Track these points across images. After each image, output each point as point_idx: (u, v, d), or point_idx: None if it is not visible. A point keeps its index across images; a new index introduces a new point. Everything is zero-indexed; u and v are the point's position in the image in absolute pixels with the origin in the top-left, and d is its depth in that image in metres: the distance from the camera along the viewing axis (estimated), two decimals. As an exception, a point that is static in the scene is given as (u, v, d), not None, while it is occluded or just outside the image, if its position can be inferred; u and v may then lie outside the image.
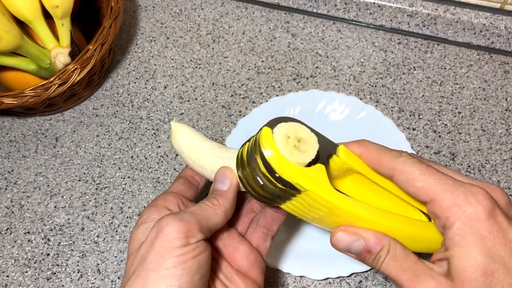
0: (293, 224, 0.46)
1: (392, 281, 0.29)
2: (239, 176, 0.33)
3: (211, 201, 0.33)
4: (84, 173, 0.52)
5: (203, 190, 0.39)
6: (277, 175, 0.30)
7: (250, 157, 0.31)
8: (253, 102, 0.55)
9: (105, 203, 0.50)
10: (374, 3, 0.57)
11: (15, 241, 0.49)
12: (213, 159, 0.35)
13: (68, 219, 0.49)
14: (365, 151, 0.31)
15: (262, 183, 0.31)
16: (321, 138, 0.32)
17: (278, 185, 0.30)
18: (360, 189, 0.33)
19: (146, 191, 0.50)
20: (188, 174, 0.38)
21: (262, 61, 0.58)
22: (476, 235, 0.25)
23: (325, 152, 0.32)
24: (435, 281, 0.26)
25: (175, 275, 0.28)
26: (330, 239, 0.31)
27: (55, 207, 0.50)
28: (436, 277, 0.26)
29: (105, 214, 0.49)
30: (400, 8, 0.57)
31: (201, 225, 0.31)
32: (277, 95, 0.55)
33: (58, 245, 0.48)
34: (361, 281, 0.44)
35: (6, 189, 0.52)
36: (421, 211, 0.32)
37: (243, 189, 0.34)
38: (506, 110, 0.52)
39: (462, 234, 0.25)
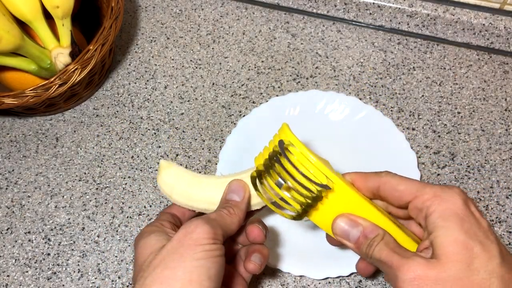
0: (293, 224, 0.46)
1: (383, 266, 0.31)
2: (258, 193, 0.35)
3: (228, 210, 0.35)
4: (85, 173, 0.52)
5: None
6: (309, 170, 0.32)
7: (271, 164, 0.33)
8: (253, 102, 0.55)
9: (106, 203, 0.50)
10: (373, 3, 0.57)
11: (16, 241, 0.49)
12: (215, 187, 0.37)
13: (69, 219, 0.49)
14: (355, 177, 0.35)
15: (290, 183, 0.32)
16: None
17: (310, 183, 0.32)
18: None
19: (146, 191, 0.50)
20: (173, 211, 0.39)
21: (262, 61, 0.58)
22: (456, 217, 0.29)
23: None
24: (423, 259, 0.29)
25: (205, 266, 0.30)
26: (331, 226, 0.34)
27: (55, 207, 0.50)
28: (423, 257, 0.29)
29: (105, 214, 0.49)
30: (399, 8, 0.57)
31: (222, 231, 0.33)
32: (277, 95, 0.55)
33: (59, 245, 0.48)
34: (361, 281, 0.44)
35: (6, 189, 0.52)
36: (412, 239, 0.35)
37: (259, 207, 0.37)
38: (506, 110, 0.52)
39: (443, 216, 0.29)
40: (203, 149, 0.52)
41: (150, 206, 0.49)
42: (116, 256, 0.47)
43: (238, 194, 0.36)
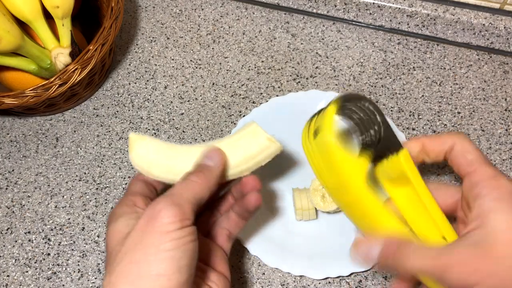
0: (293, 224, 0.46)
1: (425, 273, 0.28)
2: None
3: (197, 176, 0.32)
4: (85, 173, 0.52)
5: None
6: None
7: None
8: (253, 102, 0.55)
9: (106, 203, 0.50)
10: (373, 3, 0.57)
11: (16, 241, 0.49)
12: (197, 155, 0.34)
13: (69, 219, 0.49)
14: (426, 140, 0.33)
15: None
16: (387, 131, 0.32)
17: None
18: (404, 199, 0.34)
19: (146, 191, 0.50)
20: (144, 177, 0.36)
21: (262, 61, 0.58)
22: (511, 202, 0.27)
23: (385, 148, 0.32)
24: (471, 248, 0.27)
25: (174, 258, 0.27)
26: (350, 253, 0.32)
27: (55, 207, 0.50)
28: (471, 246, 0.27)
29: (105, 214, 0.49)
30: (399, 8, 0.57)
31: (192, 206, 0.30)
32: (277, 95, 0.55)
33: (59, 244, 0.48)
34: (361, 281, 0.44)
35: (6, 189, 0.52)
36: (443, 238, 0.33)
37: (235, 176, 0.35)
38: (506, 110, 0.52)
39: (500, 198, 0.27)
40: (203, 149, 0.52)
41: (150, 206, 0.49)
42: (116, 256, 0.47)
43: (213, 159, 0.33)
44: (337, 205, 0.35)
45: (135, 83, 0.58)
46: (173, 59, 0.59)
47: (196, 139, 0.53)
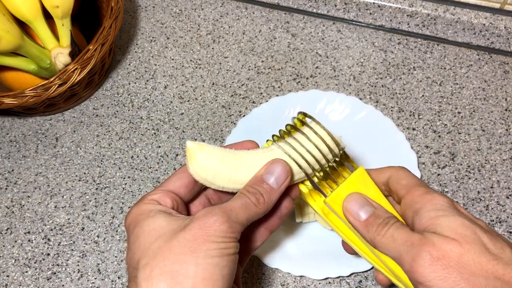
0: (293, 224, 0.46)
1: (396, 246, 0.29)
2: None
3: (257, 198, 0.31)
4: (84, 173, 0.52)
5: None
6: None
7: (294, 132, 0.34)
8: (253, 102, 0.55)
9: (105, 203, 0.50)
10: (374, 3, 0.57)
11: (15, 241, 0.49)
12: (261, 162, 0.32)
13: (68, 219, 0.49)
14: (372, 171, 0.35)
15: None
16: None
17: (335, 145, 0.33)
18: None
19: (146, 191, 0.50)
20: (173, 188, 0.34)
21: (262, 61, 0.58)
22: (451, 207, 0.30)
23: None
24: (444, 237, 0.28)
25: (219, 265, 0.28)
26: (343, 202, 0.33)
27: (55, 207, 0.50)
28: (443, 235, 0.28)
29: (105, 214, 0.49)
30: (400, 8, 0.57)
31: (244, 227, 0.30)
32: (277, 95, 0.55)
33: (58, 245, 0.48)
34: (361, 281, 0.44)
35: (6, 189, 0.52)
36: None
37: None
38: (506, 110, 0.52)
39: (439, 208, 0.29)
40: (203, 149, 0.52)
41: (150, 206, 0.49)
42: (116, 256, 0.47)
43: (278, 180, 0.31)
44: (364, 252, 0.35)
45: (135, 83, 0.58)
46: (173, 59, 0.59)
47: (196, 139, 0.53)
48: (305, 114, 0.34)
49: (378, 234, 0.30)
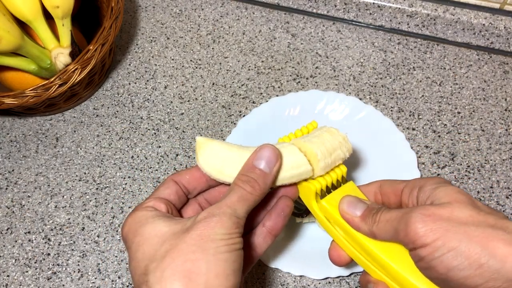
0: (293, 224, 0.46)
1: (392, 224, 0.30)
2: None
3: (252, 187, 0.31)
4: (85, 173, 0.52)
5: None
6: None
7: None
8: (253, 102, 0.55)
9: (106, 203, 0.50)
10: (373, 3, 0.57)
11: (16, 241, 0.49)
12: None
13: (69, 219, 0.49)
14: (360, 187, 0.36)
15: None
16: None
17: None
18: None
19: (146, 191, 0.50)
20: (184, 180, 0.35)
21: (262, 61, 0.58)
22: (449, 184, 0.31)
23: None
24: (433, 205, 0.29)
25: (229, 260, 0.28)
26: (338, 204, 0.34)
27: (55, 207, 0.50)
28: (433, 204, 0.30)
29: (105, 214, 0.49)
30: (399, 8, 0.57)
31: (245, 219, 0.30)
32: (277, 95, 0.55)
33: (59, 245, 0.48)
34: (361, 281, 0.44)
35: (6, 189, 0.52)
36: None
37: (286, 182, 0.34)
38: (506, 110, 0.52)
39: (437, 183, 0.31)
40: (203, 149, 0.52)
41: (150, 206, 0.49)
42: (116, 256, 0.47)
43: (269, 164, 0.32)
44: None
45: (135, 83, 0.58)
46: (173, 59, 0.59)
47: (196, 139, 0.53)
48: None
49: (375, 222, 0.31)
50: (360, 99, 0.54)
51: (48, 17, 0.51)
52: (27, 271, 0.47)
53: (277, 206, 0.35)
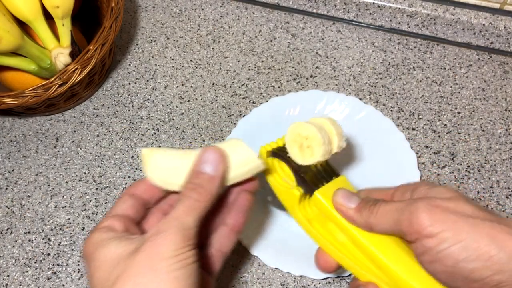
0: (292, 224, 0.46)
1: (393, 215, 0.30)
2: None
3: (198, 194, 0.30)
4: (85, 173, 0.52)
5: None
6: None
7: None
8: (253, 102, 0.55)
9: (106, 203, 0.50)
10: (373, 3, 0.57)
11: (16, 241, 0.49)
12: None
13: (69, 219, 0.49)
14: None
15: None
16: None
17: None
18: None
19: (146, 191, 0.50)
20: (139, 191, 0.33)
21: (262, 61, 0.58)
22: (439, 185, 0.32)
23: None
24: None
25: (182, 277, 0.27)
26: (332, 197, 0.33)
27: (55, 207, 0.50)
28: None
29: (105, 214, 0.49)
30: (399, 8, 0.57)
31: (196, 228, 0.29)
32: (277, 95, 0.55)
33: (59, 244, 0.48)
34: (361, 281, 0.44)
35: (6, 189, 0.52)
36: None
37: (238, 179, 0.33)
38: (506, 110, 0.52)
39: (433, 184, 0.32)
40: (203, 149, 0.52)
41: (150, 206, 0.49)
42: (116, 256, 0.47)
43: (214, 166, 0.31)
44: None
45: (135, 83, 0.58)
46: (173, 59, 0.59)
47: (196, 139, 0.53)
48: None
49: (371, 213, 0.31)
50: (360, 99, 0.54)
51: (48, 17, 0.51)
52: (27, 271, 0.47)
53: (237, 202, 0.34)
